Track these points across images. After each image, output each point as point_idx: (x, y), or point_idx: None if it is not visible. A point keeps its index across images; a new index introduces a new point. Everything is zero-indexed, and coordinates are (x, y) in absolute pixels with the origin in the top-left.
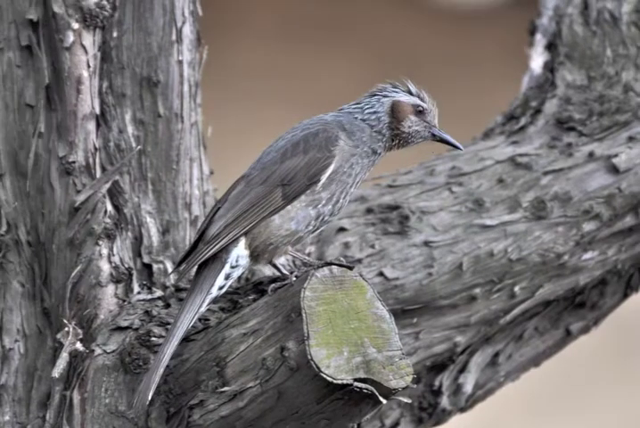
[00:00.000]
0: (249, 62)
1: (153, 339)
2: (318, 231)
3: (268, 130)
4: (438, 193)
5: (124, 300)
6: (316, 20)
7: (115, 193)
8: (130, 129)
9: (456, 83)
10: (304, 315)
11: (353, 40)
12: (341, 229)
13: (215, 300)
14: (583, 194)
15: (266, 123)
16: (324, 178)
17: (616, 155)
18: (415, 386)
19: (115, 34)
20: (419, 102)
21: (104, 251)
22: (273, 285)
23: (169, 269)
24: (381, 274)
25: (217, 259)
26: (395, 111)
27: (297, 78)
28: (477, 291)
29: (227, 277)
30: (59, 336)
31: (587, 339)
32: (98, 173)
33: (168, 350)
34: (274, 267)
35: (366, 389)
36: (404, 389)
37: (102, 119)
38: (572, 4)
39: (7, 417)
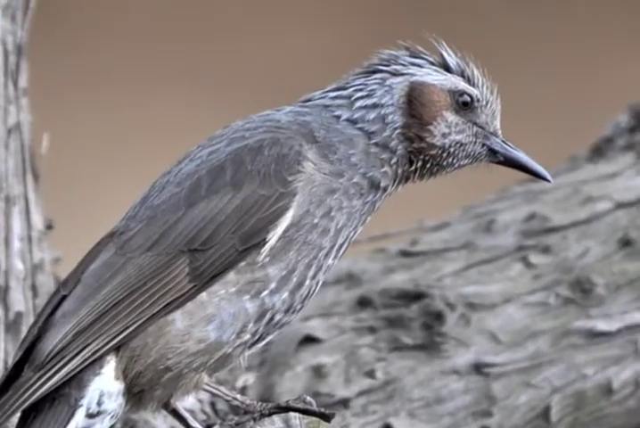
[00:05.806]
0: (122, 9)
1: None
2: (262, 343)
3: (162, 141)
4: (501, 266)
5: None
6: None
7: None
8: None
9: (536, 47)
10: None
11: None
12: (309, 339)
13: None
14: None
15: (158, 126)
16: (273, 239)
17: None
18: None
19: None
20: (463, 84)
21: None
22: None
23: None
24: None
25: (62, 399)
26: (416, 104)
27: (215, 39)
28: None
29: None
30: None
31: None
32: None
33: None
34: (175, 415)
35: None
36: None
37: None
38: None
39: None
